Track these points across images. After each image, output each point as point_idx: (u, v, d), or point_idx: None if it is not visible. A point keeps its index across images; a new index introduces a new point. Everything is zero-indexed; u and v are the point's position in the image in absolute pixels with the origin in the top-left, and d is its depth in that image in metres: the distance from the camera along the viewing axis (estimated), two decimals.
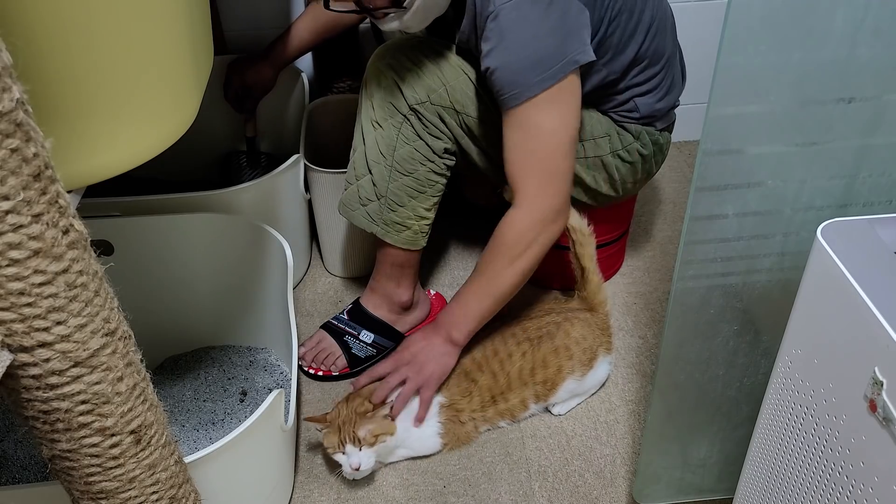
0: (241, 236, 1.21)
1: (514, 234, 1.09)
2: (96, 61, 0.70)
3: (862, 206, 0.78)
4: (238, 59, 1.48)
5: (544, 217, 1.08)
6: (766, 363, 0.91)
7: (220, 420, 1.22)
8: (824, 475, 0.70)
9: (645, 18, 1.11)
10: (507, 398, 1.19)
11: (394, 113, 1.16)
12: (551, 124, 1.03)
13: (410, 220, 1.22)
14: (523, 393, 1.19)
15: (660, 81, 1.20)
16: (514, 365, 1.18)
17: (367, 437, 1.08)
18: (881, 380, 0.60)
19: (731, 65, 0.68)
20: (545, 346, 1.18)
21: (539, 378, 1.19)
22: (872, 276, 0.63)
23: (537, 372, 1.18)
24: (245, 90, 1.48)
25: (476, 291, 1.14)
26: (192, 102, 0.86)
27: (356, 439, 1.08)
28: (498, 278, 1.11)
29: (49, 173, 0.51)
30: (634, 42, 1.11)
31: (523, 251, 1.09)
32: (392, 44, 1.17)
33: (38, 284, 0.52)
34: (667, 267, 1.55)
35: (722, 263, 0.82)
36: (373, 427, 1.09)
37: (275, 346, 1.32)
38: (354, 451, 1.08)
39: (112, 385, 0.60)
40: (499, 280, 1.11)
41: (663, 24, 1.16)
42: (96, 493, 0.66)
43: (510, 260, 1.10)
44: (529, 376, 1.18)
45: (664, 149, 1.29)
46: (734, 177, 0.75)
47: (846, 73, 0.69)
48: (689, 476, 1.04)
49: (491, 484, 1.16)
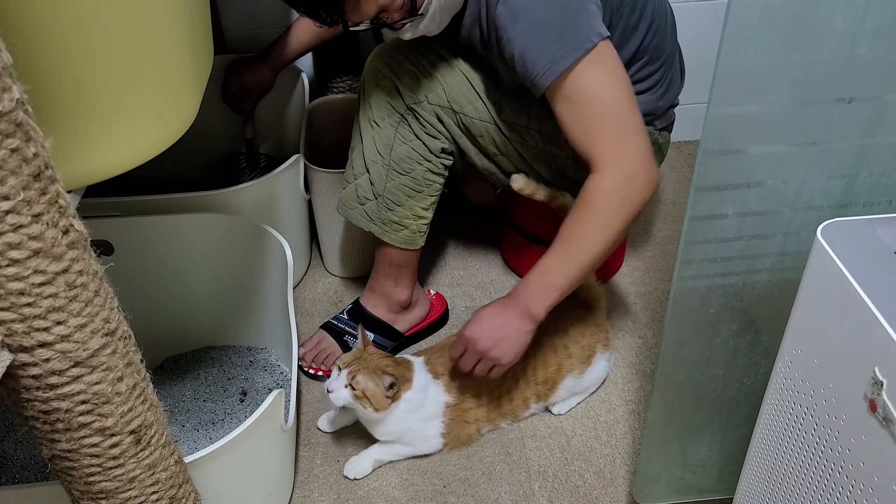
0: (241, 236, 1.21)
1: (602, 197, 1.00)
2: (96, 61, 0.70)
3: (862, 206, 0.78)
4: (236, 60, 1.48)
5: (630, 176, 0.99)
6: (766, 363, 0.91)
7: (220, 420, 1.22)
8: (824, 475, 0.70)
9: (647, 14, 1.11)
10: (512, 398, 1.19)
11: (391, 112, 1.16)
12: (600, 83, 0.98)
13: (408, 219, 1.22)
14: (525, 392, 1.19)
15: (660, 79, 1.20)
16: (517, 363, 1.17)
17: (357, 385, 1.08)
18: (881, 380, 0.60)
19: (731, 65, 0.68)
20: (544, 345, 1.18)
21: (540, 377, 1.19)
22: (872, 276, 0.63)
23: (538, 371, 1.18)
24: (243, 92, 1.47)
25: (563, 260, 1.03)
26: (192, 103, 0.86)
27: (353, 377, 1.08)
28: (588, 245, 1.02)
29: (49, 173, 0.51)
30: (636, 37, 1.11)
31: (614, 214, 1.00)
32: (390, 44, 1.17)
33: (38, 284, 0.52)
34: (667, 267, 1.55)
35: (722, 263, 0.82)
36: (369, 386, 1.08)
37: (275, 346, 1.32)
38: (341, 382, 1.08)
39: (112, 385, 0.60)
40: (589, 246, 1.02)
41: (664, 21, 1.16)
42: (96, 493, 0.66)
43: (601, 225, 1.01)
44: (531, 375, 1.19)
45: (663, 149, 1.29)
46: (734, 177, 0.75)
47: (846, 73, 0.69)
48: (689, 476, 1.04)
49: (491, 484, 1.16)
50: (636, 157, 1.00)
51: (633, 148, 0.99)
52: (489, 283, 1.52)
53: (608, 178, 0.99)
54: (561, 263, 1.04)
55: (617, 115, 0.99)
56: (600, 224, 1.01)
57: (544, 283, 1.04)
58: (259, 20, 1.62)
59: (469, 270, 1.55)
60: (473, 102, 1.15)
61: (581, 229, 1.02)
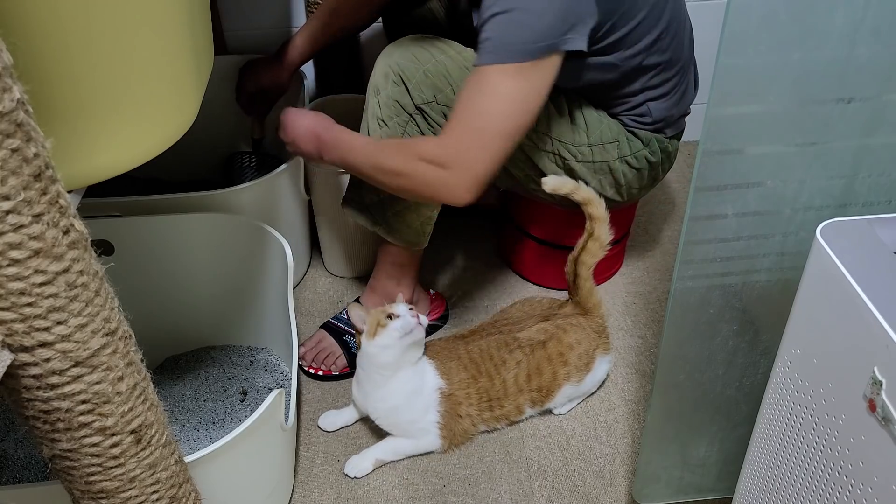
0: (241, 236, 1.21)
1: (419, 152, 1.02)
2: (96, 61, 0.70)
3: (861, 206, 0.78)
4: (251, 61, 1.46)
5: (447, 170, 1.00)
6: (765, 363, 0.91)
7: (220, 420, 1.22)
8: (824, 475, 0.70)
9: (664, 19, 1.11)
10: (503, 404, 1.19)
11: (400, 111, 1.16)
12: (508, 92, 0.98)
13: (413, 219, 1.22)
14: (518, 399, 1.19)
15: (674, 86, 1.19)
16: (509, 372, 1.17)
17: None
18: (880, 379, 0.60)
19: (730, 65, 0.68)
20: (538, 355, 1.18)
21: (535, 385, 1.18)
22: (872, 276, 0.63)
23: (532, 379, 1.18)
24: (261, 93, 1.47)
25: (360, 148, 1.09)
26: (192, 102, 0.86)
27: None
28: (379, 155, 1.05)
29: (49, 173, 0.51)
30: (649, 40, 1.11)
31: (406, 171, 1.02)
32: (400, 42, 1.17)
33: (38, 284, 0.52)
34: (667, 267, 1.55)
35: (722, 263, 0.82)
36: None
37: (275, 346, 1.32)
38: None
39: (112, 385, 0.60)
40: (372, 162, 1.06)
41: (681, 29, 1.16)
42: (97, 492, 0.66)
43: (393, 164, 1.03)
44: (525, 383, 1.18)
45: (672, 156, 1.29)
46: (734, 177, 0.75)
47: (846, 73, 0.69)
48: (688, 476, 1.04)
49: (491, 483, 1.16)
50: (468, 165, 1.00)
51: (474, 157, 1.00)
52: (489, 284, 1.52)
53: (435, 151, 1.01)
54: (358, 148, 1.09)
55: (492, 125, 0.99)
56: (395, 163, 1.03)
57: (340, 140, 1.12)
58: (259, 20, 1.62)
59: (469, 270, 1.55)
60: None
61: (385, 150, 1.06)
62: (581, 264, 1.19)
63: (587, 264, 1.19)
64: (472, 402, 1.18)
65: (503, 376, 1.17)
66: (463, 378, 1.17)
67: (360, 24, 1.42)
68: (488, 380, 1.17)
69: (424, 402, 1.15)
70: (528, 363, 1.17)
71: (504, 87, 0.98)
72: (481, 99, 0.99)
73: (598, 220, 1.15)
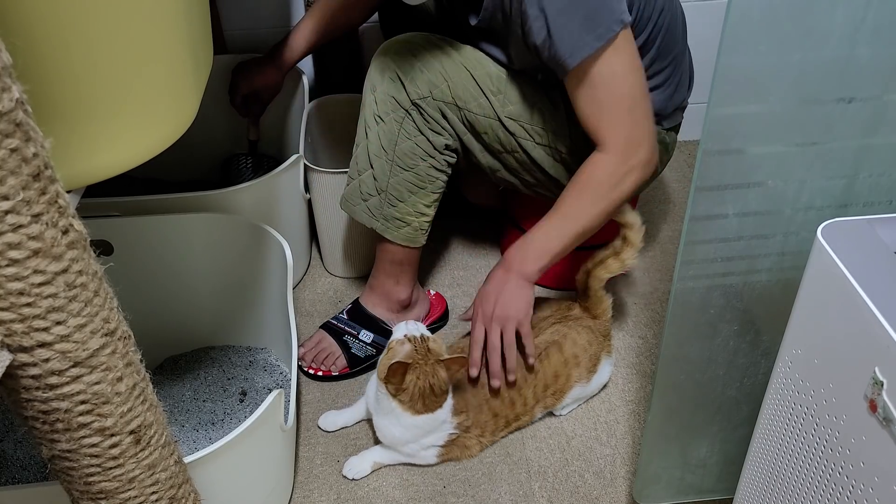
0: (241, 236, 1.21)
1: (603, 174, 1.06)
2: (96, 61, 0.70)
3: (862, 206, 0.78)
4: (243, 63, 1.46)
5: (632, 158, 1.05)
6: (766, 363, 0.91)
7: (219, 420, 1.22)
8: (824, 475, 0.70)
9: (657, 7, 1.12)
10: (519, 418, 1.19)
11: (396, 108, 1.16)
12: (620, 69, 1.02)
13: (410, 216, 1.22)
14: (534, 410, 1.19)
15: (668, 77, 1.20)
16: (528, 389, 1.17)
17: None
18: (881, 380, 0.60)
19: (731, 65, 0.68)
20: (554, 358, 1.17)
21: (550, 391, 1.18)
22: (872, 276, 0.63)
23: (549, 386, 1.18)
24: (254, 94, 1.47)
25: (555, 229, 1.10)
26: (191, 102, 0.86)
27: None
28: (582, 217, 1.08)
29: (48, 173, 0.51)
30: (646, 31, 1.12)
31: (611, 192, 1.07)
32: (396, 39, 1.17)
33: (37, 284, 0.52)
34: (667, 267, 1.55)
35: (722, 263, 0.82)
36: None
37: (275, 346, 1.32)
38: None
39: (112, 385, 0.60)
40: (583, 218, 1.08)
41: (675, 20, 1.17)
42: (96, 493, 0.66)
43: (596, 200, 1.07)
44: (542, 392, 1.18)
45: (670, 148, 1.29)
46: (734, 177, 0.75)
47: (846, 72, 0.69)
48: (688, 476, 1.04)
49: (491, 484, 1.16)
50: (641, 143, 1.06)
51: (640, 133, 1.05)
52: None
53: (612, 158, 1.06)
54: (553, 234, 1.10)
55: (630, 101, 1.04)
56: (596, 199, 1.07)
57: (538, 248, 1.11)
58: (259, 20, 1.62)
59: (469, 270, 1.55)
60: (478, 99, 1.15)
61: (578, 201, 1.09)
62: (594, 278, 1.19)
63: (601, 279, 1.19)
64: (486, 433, 1.18)
65: (524, 396, 1.17)
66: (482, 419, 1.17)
67: (352, 22, 1.42)
68: (509, 407, 1.17)
69: (433, 438, 1.15)
70: (545, 371, 1.17)
71: (611, 68, 1.01)
72: (604, 90, 1.03)
73: (632, 246, 1.16)
